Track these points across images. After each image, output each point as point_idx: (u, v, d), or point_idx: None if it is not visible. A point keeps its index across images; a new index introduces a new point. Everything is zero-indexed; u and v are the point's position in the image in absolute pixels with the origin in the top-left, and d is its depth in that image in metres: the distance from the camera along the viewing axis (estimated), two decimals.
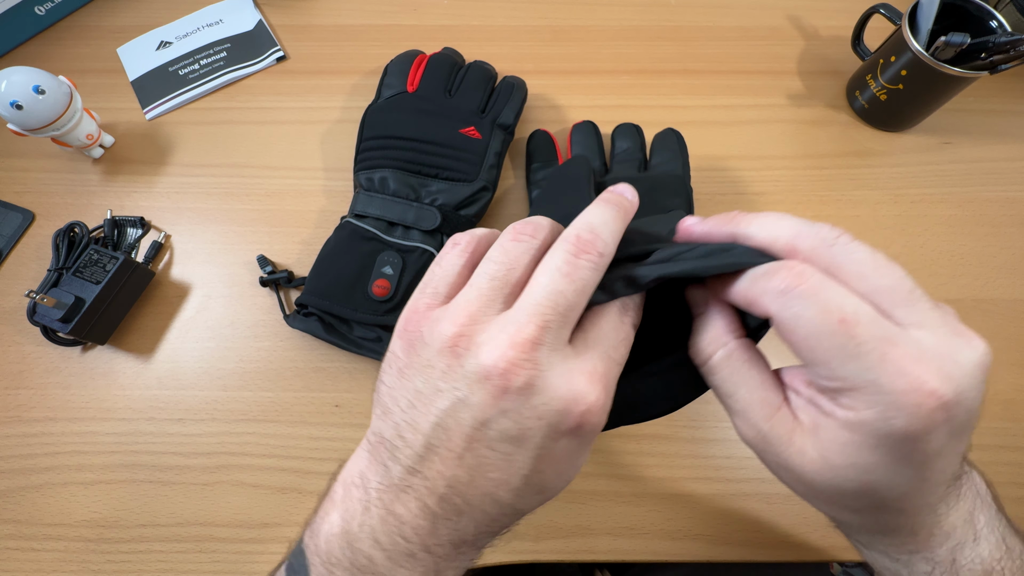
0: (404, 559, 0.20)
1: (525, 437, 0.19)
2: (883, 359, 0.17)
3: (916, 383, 0.17)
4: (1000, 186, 0.49)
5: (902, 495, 0.19)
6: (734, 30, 0.56)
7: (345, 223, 0.42)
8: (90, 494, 0.39)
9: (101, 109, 0.49)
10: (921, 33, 0.45)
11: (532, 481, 0.20)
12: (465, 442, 0.19)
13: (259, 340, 0.43)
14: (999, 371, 0.43)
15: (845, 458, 0.19)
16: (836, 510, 0.22)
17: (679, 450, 0.41)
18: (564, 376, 0.19)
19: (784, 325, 0.18)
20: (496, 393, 0.18)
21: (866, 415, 0.18)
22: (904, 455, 0.18)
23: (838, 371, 0.18)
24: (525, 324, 0.19)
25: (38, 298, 0.39)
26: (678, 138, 0.47)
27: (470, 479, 0.19)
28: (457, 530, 0.20)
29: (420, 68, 0.47)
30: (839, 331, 0.17)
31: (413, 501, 0.20)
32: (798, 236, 0.20)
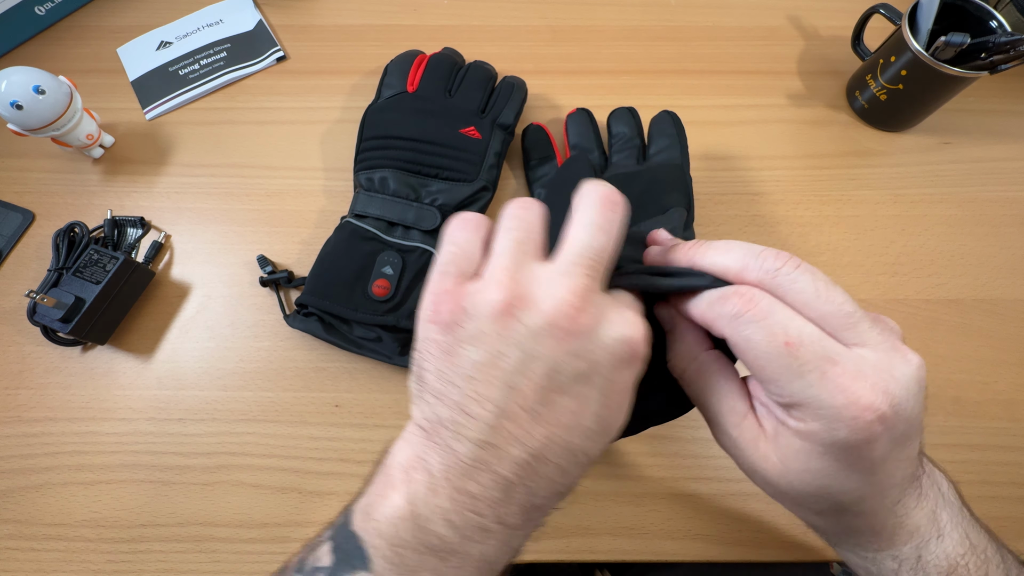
0: (477, 533, 0.20)
1: (595, 372, 0.20)
2: (823, 377, 0.19)
3: (854, 398, 0.19)
4: (1000, 186, 0.49)
5: (857, 498, 0.21)
6: (734, 30, 0.56)
7: (345, 223, 0.42)
8: (90, 494, 0.39)
9: (101, 109, 0.49)
10: (921, 33, 0.45)
11: (601, 419, 0.21)
12: (538, 394, 0.19)
13: (259, 340, 0.43)
14: (999, 371, 0.43)
15: (800, 464, 0.21)
16: (802, 512, 0.24)
17: (679, 450, 0.41)
18: (616, 310, 0.21)
19: (737, 347, 0.20)
20: (564, 338, 0.19)
21: (813, 427, 0.20)
22: (851, 462, 0.20)
23: (786, 388, 0.20)
24: (577, 274, 0.20)
25: (38, 298, 0.39)
26: (675, 120, 0.47)
27: (545, 433, 0.20)
28: (531, 494, 0.20)
29: (420, 68, 0.47)
30: (784, 352, 0.19)
31: (486, 475, 0.19)
32: (745, 268, 0.21)
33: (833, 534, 0.24)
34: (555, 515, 0.38)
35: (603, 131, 0.49)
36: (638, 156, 0.46)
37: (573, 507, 0.39)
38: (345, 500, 0.39)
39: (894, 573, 0.23)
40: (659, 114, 0.48)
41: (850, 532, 0.23)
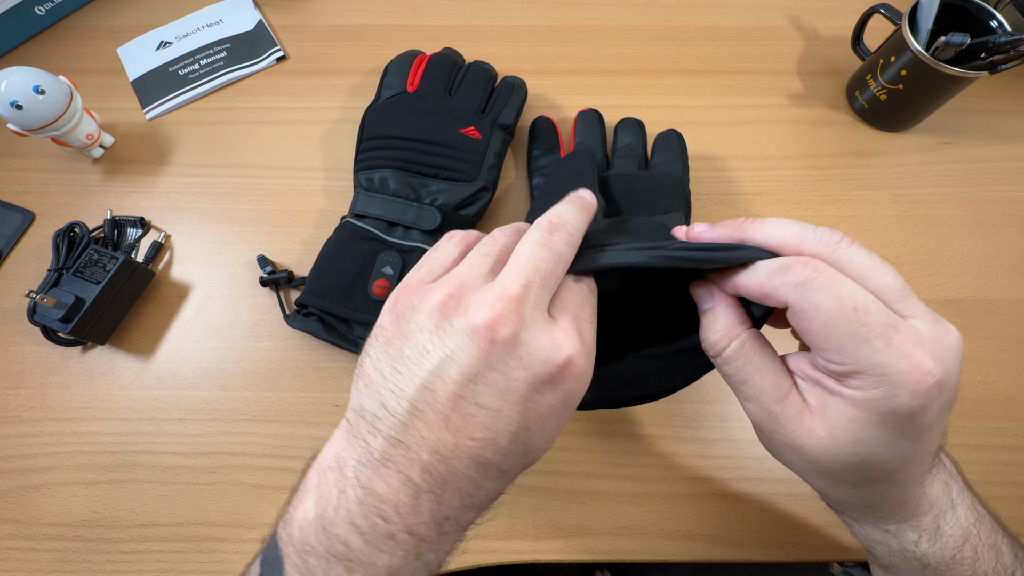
0: (383, 542, 0.19)
1: (511, 389, 0.20)
2: (889, 344, 0.19)
3: (916, 364, 0.19)
4: (1000, 186, 0.49)
5: (898, 467, 0.22)
6: (734, 30, 0.56)
7: (345, 223, 0.42)
8: (90, 494, 0.39)
9: (101, 109, 0.49)
10: (921, 33, 0.45)
11: (519, 439, 0.20)
12: (452, 401, 0.19)
13: (259, 340, 0.43)
14: (999, 371, 0.43)
15: (851, 434, 0.21)
16: (835, 485, 0.24)
17: (679, 450, 0.41)
18: (545, 330, 0.21)
19: (802, 313, 0.20)
20: (484, 346, 0.19)
21: (873, 394, 0.20)
22: (903, 429, 0.20)
23: (851, 355, 0.19)
24: (510, 284, 0.21)
25: (38, 298, 0.39)
26: (679, 139, 0.47)
27: (455, 442, 0.19)
28: (441, 503, 0.20)
29: (420, 68, 0.47)
30: (853, 318, 0.19)
31: (394, 475, 0.19)
32: (803, 241, 0.21)
33: (859, 508, 0.25)
34: (555, 515, 0.39)
35: (609, 136, 0.49)
36: (640, 165, 0.46)
37: (573, 507, 0.39)
38: None
39: (914, 544, 0.24)
40: (666, 131, 0.48)
41: (877, 505, 0.24)
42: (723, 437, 0.41)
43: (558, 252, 0.22)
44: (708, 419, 0.41)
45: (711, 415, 0.41)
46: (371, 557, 0.19)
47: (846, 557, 0.39)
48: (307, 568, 0.19)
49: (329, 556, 0.19)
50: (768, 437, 0.23)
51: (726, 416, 0.41)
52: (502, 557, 0.38)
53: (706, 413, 0.41)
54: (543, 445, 0.21)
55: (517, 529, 0.38)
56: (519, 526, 0.38)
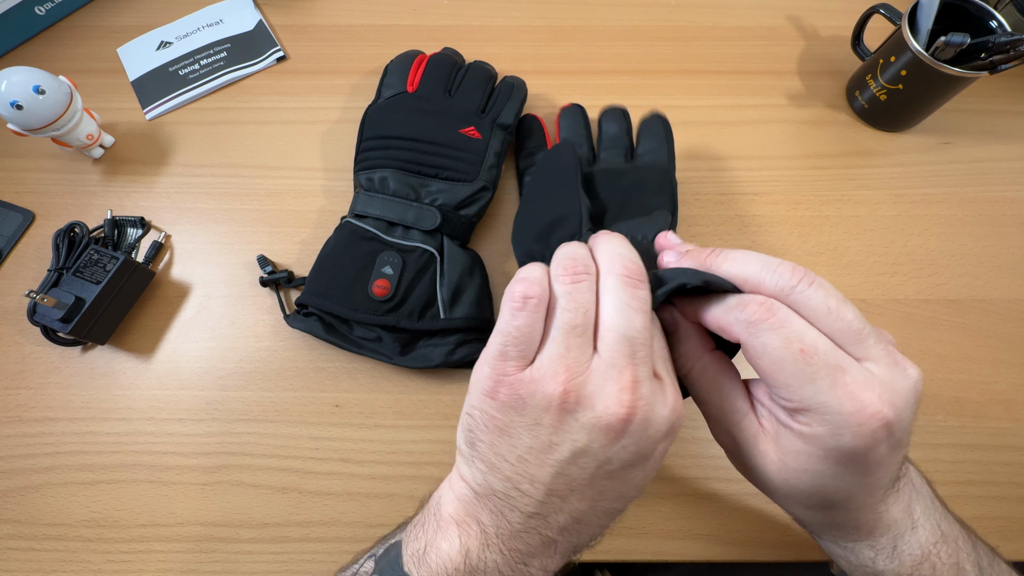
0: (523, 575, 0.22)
1: (643, 458, 0.22)
2: (834, 384, 0.20)
3: (861, 406, 0.20)
4: (1000, 186, 0.49)
5: (848, 497, 0.23)
6: (734, 30, 0.56)
7: (345, 223, 0.42)
8: (90, 494, 0.39)
9: (101, 109, 0.49)
10: (921, 33, 0.45)
11: (641, 486, 0.23)
12: (587, 480, 0.21)
13: (259, 340, 0.43)
14: (999, 371, 0.43)
15: (799, 464, 0.22)
16: (793, 507, 0.25)
17: (679, 450, 0.41)
18: (663, 399, 0.22)
19: (752, 351, 0.21)
20: (615, 437, 0.21)
21: (818, 431, 0.21)
22: (850, 465, 0.21)
23: (796, 393, 0.20)
24: (625, 367, 0.21)
25: (38, 298, 0.39)
26: (664, 124, 0.46)
27: (591, 506, 0.22)
28: (572, 546, 0.23)
29: (420, 68, 0.47)
30: (799, 359, 0.20)
31: (535, 537, 0.22)
32: (761, 282, 0.22)
33: (816, 527, 0.26)
34: None
35: (594, 128, 0.49)
36: (626, 155, 0.45)
37: None
38: (345, 500, 0.40)
39: (871, 561, 0.24)
40: (650, 116, 0.47)
41: (833, 526, 0.25)
42: None
43: (647, 311, 0.22)
44: None
45: None
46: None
47: None
48: None
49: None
50: (732, 457, 0.25)
51: None
52: None
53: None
54: (652, 477, 0.24)
55: None
56: None
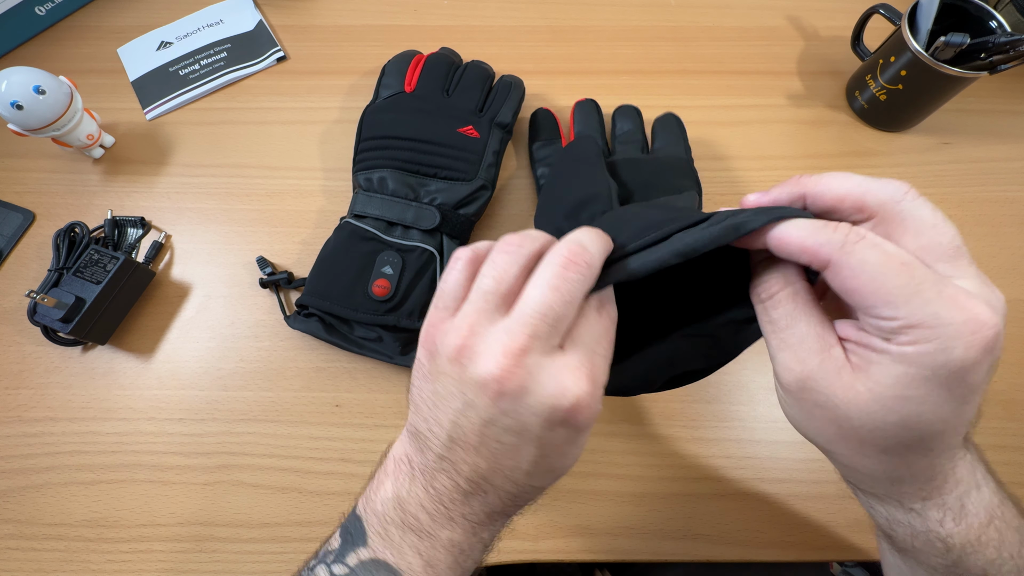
0: (445, 522, 0.24)
1: (525, 430, 0.22)
2: (941, 295, 0.19)
3: (973, 314, 0.19)
4: (1000, 186, 0.49)
5: (937, 432, 0.21)
6: (734, 30, 0.56)
7: (344, 223, 0.42)
8: (90, 494, 0.39)
9: (101, 109, 0.49)
10: (921, 33, 0.45)
11: (540, 465, 0.23)
12: (477, 437, 0.22)
13: (259, 340, 0.43)
14: (999, 371, 0.43)
15: (896, 390, 0.20)
16: (864, 452, 0.23)
17: (679, 450, 0.41)
18: (552, 376, 0.21)
19: (848, 270, 0.20)
20: (494, 397, 0.21)
21: (924, 348, 0.19)
22: (952, 386, 0.20)
23: (902, 309, 0.19)
24: (517, 334, 0.21)
25: (38, 298, 0.39)
26: (678, 122, 0.47)
27: (488, 465, 0.23)
28: (487, 503, 0.24)
29: (417, 68, 0.47)
30: (902, 271, 0.19)
31: (447, 479, 0.23)
32: (867, 192, 0.21)
33: (884, 482, 0.23)
34: (555, 515, 0.39)
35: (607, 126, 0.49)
36: (642, 150, 0.46)
37: (573, 507, 0.39)
38: (345, 500, 0.40)
39: (939, 523, 0.23)
40: (664, 115, 0.48)
41: (904, 478, 0.23)
42: (723, 437, 0.41)
43: (570, 295, 0.22)
44: (708, 419, 0.41)
45: (711, 415, 0.41)
46: (436, 531, 0.24)
47: (846, 557, 0.39)
48: (387, 535, 0.24)
49: (405, 527, 0.24)
50: (796, 396, 0.23)
51: (726, 416, 0.41)
52: (502, 557, 0.38)
53: (706, 413, 0.41)
54: (566, 465, 0.24)
55: (517, 529, 0.38)
56: (519, 526, 0.38)
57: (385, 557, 0.24)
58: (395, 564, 0.23)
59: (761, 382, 0.43)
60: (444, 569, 0.24)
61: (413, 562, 0.23)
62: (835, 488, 0.40)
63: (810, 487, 0.40)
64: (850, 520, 0.39)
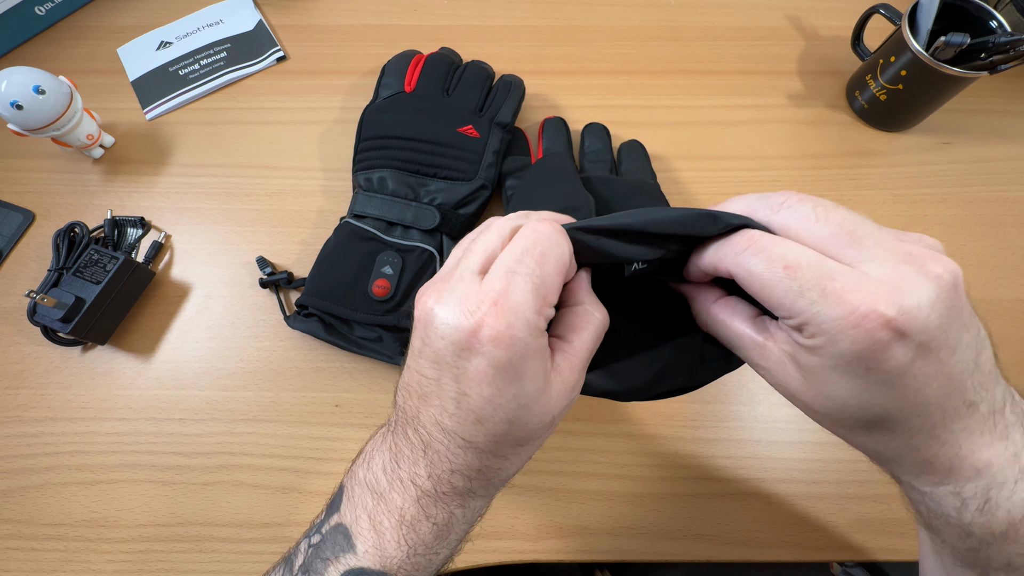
0: (397, 483, 0.24)
1: (439, 359, 0.22)
2: (823, 293, 0.20)
3: (851, 308, 0.19)
4: (1000, 186, 0.49)
5: (882, 414, 0.21)
6: (734, 30, 0.56)
7: (344, 223, 0.42)
8: (90, 494, 0.39)
9: (101, 109, 0.49)
10: (921, 33, 0.45)
11: (463, 405, 0.22)
12: (410, 374, 0.23)
13: (259, 340, 0.43)
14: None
15: (819, 379, 0.21)
16: (839, 430, 0.24)
17: (679, 450, 0.41)
18: (460, 298, 0.21)
19: (744, 280, 0.21)
20: (419, 326, 0.22)
21: (819, 341, 0.20)
22: (865, 375, 0.20)
23: (790, 310, 0.20)
24: (446, 266, 0.23)
25: (38, 298, 0.39)
26: (643, 149, 0.48)
27: (417, 409, 0.23)
28: (432, 464, 0.23)
29: (417, 68, 0.47)
30: (784, 276, 0.20)
31: (401, 435, 0.24)
32: (753, 210, 0.23)
33: (883, 459, 0.23)
34: (555, 515, 0.39)
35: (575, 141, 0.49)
36: (610, 170, 0.46)
37: (573, 507, 0.39)
38: None
39: (956, 511, 0.22)
40: (630, 141, 0.48)
41: (892, 459, 0.23)
42: (723, 437, 0.41)
43: (499, 230, 0.23)
44: (708, 419, 0.41)
45: (711, 415, 0.41)
46: (390, 493, 0.24)
47: (846, 557, 0.39)
48: (352, 493, 0.25)
49: (366, 486, 0.24)
50: (781, 391, 0.24)
51: (726, 416, 0.41)
52: (502, 557, 0.38)
53: (706, 413, 0.41)
54: (494, 414, 0.22)
55: (517, 529, 0.38)
56: (519, 526, 0.38)
57: (344, 519, 0.24)
58: (349, 526, 0.24)
59: (761, 382, 0.42)
60: (389, 538, 0.23)
61: (363, 524, 0.24)
62: (835, 488, 0.40)
63: (810, 487, 0.40)
64: (850, 520, 0.39)
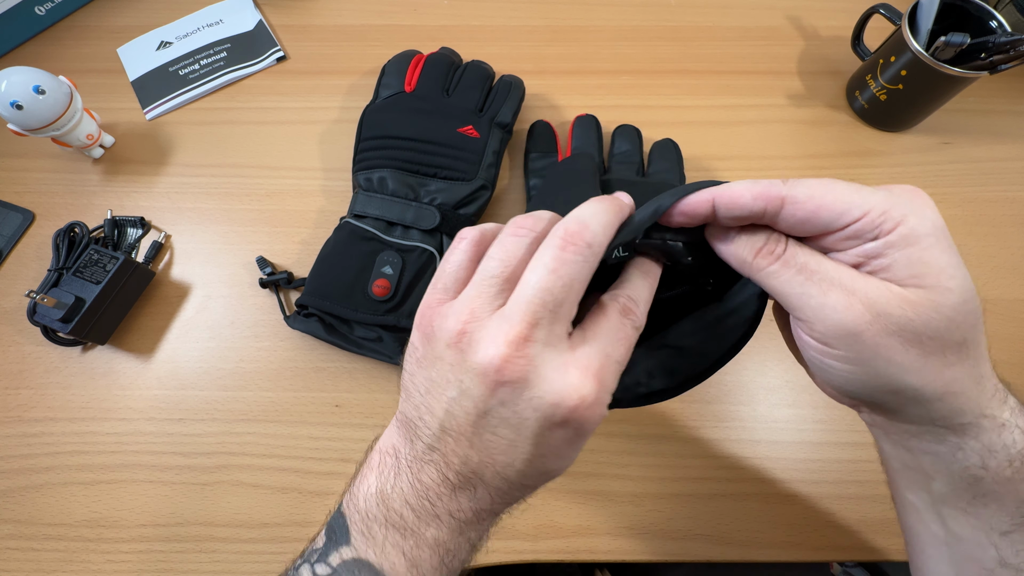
0: (431, 519, 0.22)
1: (523, 426, 0.21)
2: (878, 189, 0.21)
3: (912, 190, 0.22)
4: (1000, 186, 0.49)
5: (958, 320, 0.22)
6: (734, 30, 0.56)
7: (344, 223, 0.42)
8: (90, 494, 0.39)
9: (101, 109, 0.49)
10: (921, 33, 0.45)
11: (534, 465, 0.21)
12: (471, 427, 0.21)
13: (259, 340, 0.43)
14: (999, 371, 0.43)
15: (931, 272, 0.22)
16: (949, 359, 0.23)
17: (679, 450, 0.41)
18: (557, 371, 0.20)
19: (805, 197, 0.21)
20: (493, 387, 0.20)
21: (904, 226, 0.21)
22: (947, 248, 0.22)
23: (865, 205, 0.21)
24: (517, 322, 0.20)
25: (38, 298, 0.39)
26: (676, 149, 0.47)
27: (480, 459, 0.21)
28: (475, 500, 0.22)
29: (417, 68, 0.47)
30: (839, 183, 0.21)
31: (435, 472, 0.22)
32: None
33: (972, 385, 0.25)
34: (555, 515, 0.39)
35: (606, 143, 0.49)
36: (638, 172, 0.46)
37: (573, 507, 0.39)
38: None
39: (1008, 448, 0.23)
40: (663, 140, 0.48)
41: (983, 375, 0.25)
42: (723, 437, 0.41)
43: (570, 276, 0.20)
44: (708, 419, 0.41)
45: (711, 415, 0.41)
46: (421, 529, 0.22)
47: (846, 557, 0.39)
48: (370, 533, 0.23)
49: (388, 524, 0.23)
50: (858, 338, 0.22)
51: (726, 416, 0.41)
52: (502, 557, 0.38)
53: (706, 413, 0.41)
54: (561, 467, 0.22)
55: (517, 529, 0.38)
56: (519, 526, 0.38)
57: (368, 557, 0.23)
58: (378, 564, 0.22)
59: (761, 382, 0.43)
60: (429, 569, 0.22)
61: (396, 562, 0.22)
62: (835, 488, 0.40)
63: (810, 487, 0.40)
64: (850, 520, 0.39)
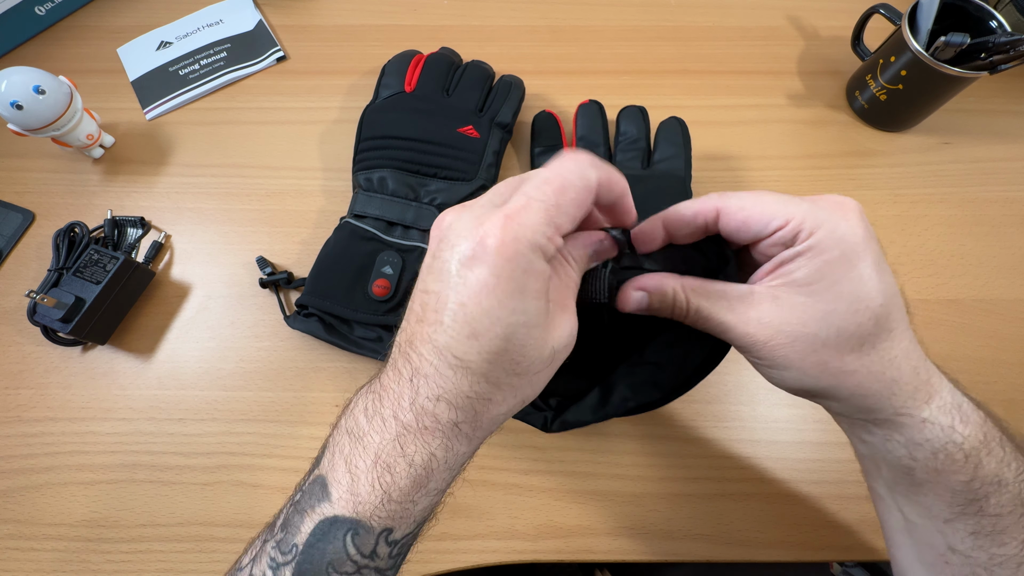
0: (376, 421, 0.23)
1: (443, 270, 0.21)
2: (804, 199, 0.24)
3: (838, 202, 0.24)
4: (1000, 186, 0.49)
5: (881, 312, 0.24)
6: (734, 30, 0.56)
7: (344, 223, 0.42)
8: (90, 494, 0.39)
9: (101, 109, 0.49)
10: (921, 33, 0.45)
11: (459, 317, 0.21)
12: (414, 297, 0.23)
13: (259, 340, 0.43)
14: (999, 371, 0.43)
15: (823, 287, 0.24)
16: (845, 361, 0.25)
17: (679, 450, 0.41)
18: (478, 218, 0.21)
19: (736, 208, 0.25)
20: (431, 244, 0.23)
21: (821, 235, 0.23)
22: (854, 261, 0.23)
23: (788, 214, 0.24)
24: (476, 205, 0.22)
25: (38, 298, 0.39)
26: (683, 129, 0.47)
27: (413, 331, 0.22)
28: (417, 392, 0.22)
29: (417, 68, 0.47)
30: (769, 194, 0.24)
31: (391, 368, 0.23)
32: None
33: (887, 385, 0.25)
34: (555, 515, 0.39)
35: (611, 126, 0.49)
36: (643, 159, 0.46)
37: (573, 507, 0.39)
38: None
39: (951, 428, 0.25)
40: (669, 120, 0.47)
41: (896, 378, 0.24)
42: (723, 437, 0.41)
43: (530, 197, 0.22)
44: (708, 419, 0.41)
45: (711, 415, 0.41)
46: (368, 434, 0.23)
47: (846, 557, 0.39)
48: (334, 440, 0.24)
49: (345, 432, 0.24)
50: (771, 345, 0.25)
51: (726, 416, 0.41)
52: (502, 557, 0.38)
53: (706, 413, 0.41)
54: (491, 328, 0.21)
55: (517, 529, 0.38)
56: (519, 526, 0.38)
57: (323, 471, 0.23)
58: (326, 475, 0.23)
59: (761, 382, 0.42)
60: (363, 481, 0.22)
61: (339, 470, 0.22)
62: (835, 488, 0.40)
63: (810, 487, 0.40)
64: (850, 520, 0.39)
